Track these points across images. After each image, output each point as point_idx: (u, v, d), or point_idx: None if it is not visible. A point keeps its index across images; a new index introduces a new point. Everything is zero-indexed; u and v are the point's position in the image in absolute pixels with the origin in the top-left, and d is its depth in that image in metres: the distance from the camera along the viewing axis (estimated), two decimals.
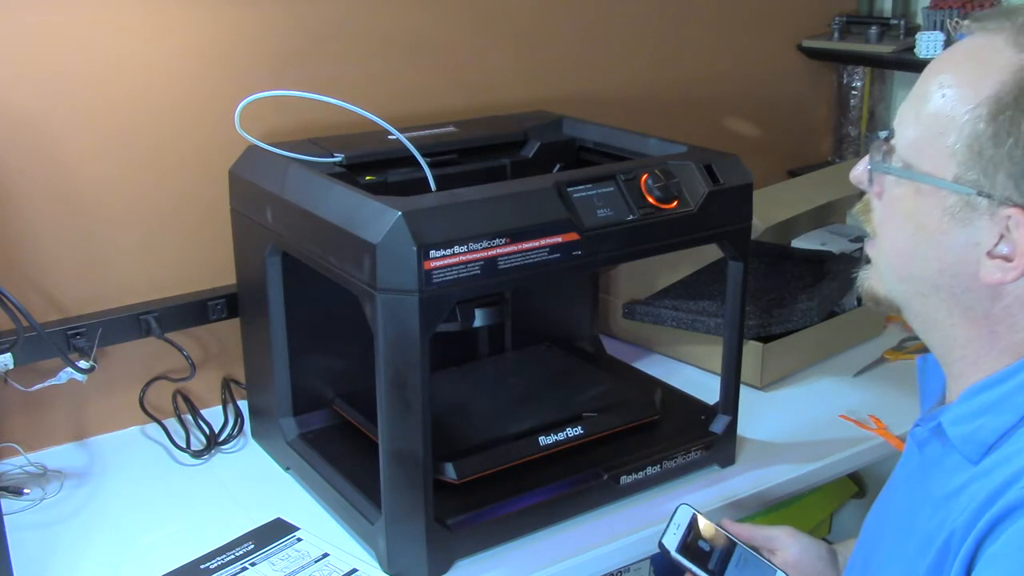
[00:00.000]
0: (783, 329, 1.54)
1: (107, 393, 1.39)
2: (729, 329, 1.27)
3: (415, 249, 0.97)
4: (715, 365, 1.34)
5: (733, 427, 1.30)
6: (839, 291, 1.65)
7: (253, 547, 1.15)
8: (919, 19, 1.93)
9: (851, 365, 1.59)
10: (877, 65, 1.98)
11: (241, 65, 1.39)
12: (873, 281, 0.91)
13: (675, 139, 1.29)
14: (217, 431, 1.40)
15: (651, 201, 1.13)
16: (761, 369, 1.51)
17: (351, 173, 1.24)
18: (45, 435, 1.36)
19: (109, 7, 1.29)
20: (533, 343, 1.51)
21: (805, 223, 1.96)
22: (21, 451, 1.33)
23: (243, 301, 1.35)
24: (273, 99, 1.21)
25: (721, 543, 1.05)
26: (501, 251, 1.02)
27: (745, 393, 1.35)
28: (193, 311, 1.41)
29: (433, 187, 1.19)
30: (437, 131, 1.37)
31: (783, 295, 1.59)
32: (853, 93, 2.05)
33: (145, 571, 1.12)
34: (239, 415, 1.43)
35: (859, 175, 0.89)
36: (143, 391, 1.41)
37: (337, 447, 1.27)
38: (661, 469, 1.24)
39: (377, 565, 1.11)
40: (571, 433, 1.23)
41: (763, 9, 1.92)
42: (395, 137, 1.21)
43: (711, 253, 1.54)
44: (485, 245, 1.01)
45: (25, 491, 1.26)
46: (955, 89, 0.79)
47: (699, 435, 1.29)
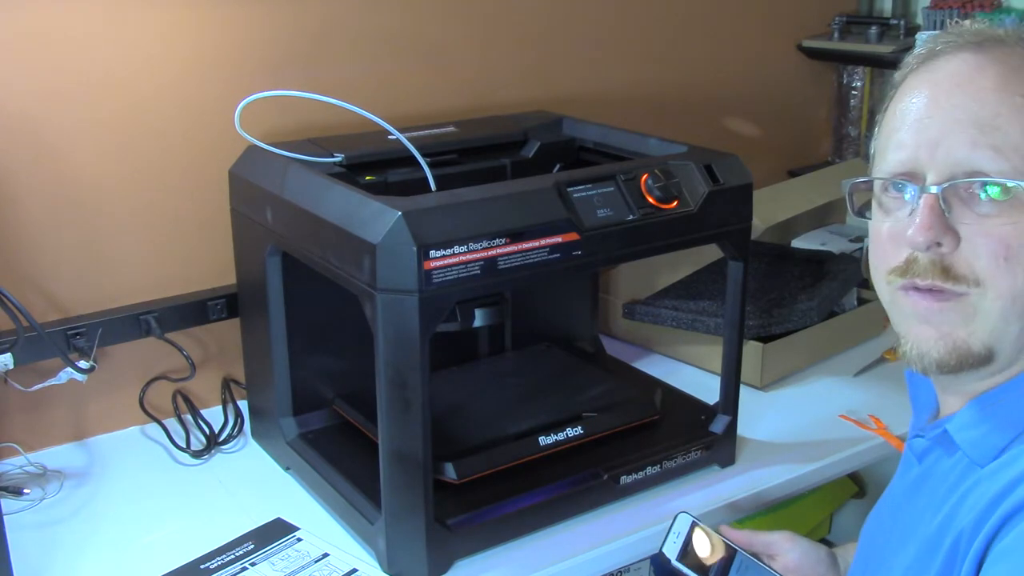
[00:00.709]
0: (783, 329, 1.54)
1: (107, 393, 1.39)
2: (729, 329, 1.27)
3: (415, 249, 0.97)
4: (715, 365, 1.34)
5: (733, 427, 1.30)
6: (839, 291, 1.64)
7: (253, 547, 1.15)
8: (919, 19, 1.93)
9: (851, 365, 1.59)
10: (877, 65, 1.98)
11: (241, 65, 1.39)
12: (976, 337, 0.79)
13: (675, 139, 1.29)
14: (217, 431, 1.40)
15: (651, 201, 1.13)
16: (761, 369, 1.51)
17: (351, 173, 1.24)
18: (45, 435, 1.36)
19: (109, 8, 1.29)
20: (533, 343, 1.51)
21: (805, 223, 1.96)
22: (21, 451, 1.33)
23: (243, 301, 1.35)
24: (273, 99, 1.21)
25: (721, 550, 1.05)
26: (501, 251, 1.02)
27: (745, 393, 1.35)
28: (193, 311, 1.41)
29: (433, 187, 1.19)
30: (437, 131, 1.37)
31: (783, 295, 1.59)
32: (853, 93, 2.05)
33: (145, 571, 1.12)
34: (239, 415, 1.43)
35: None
36: (143, 391, 1.41)
37: (337, 447, 1.27)
38: (661, 469, 1.24)
39: (377, 565, 1.11)
40: (571, 433, 1.23)
41: (763, 9, 1.92)
42: (395, 137, 1.21)
43: (711, 253, 1.54)
44: (485, 245, 1.01)
45: (25, 491, 1.26)
46: None
47: (699, 435, 1.29)
